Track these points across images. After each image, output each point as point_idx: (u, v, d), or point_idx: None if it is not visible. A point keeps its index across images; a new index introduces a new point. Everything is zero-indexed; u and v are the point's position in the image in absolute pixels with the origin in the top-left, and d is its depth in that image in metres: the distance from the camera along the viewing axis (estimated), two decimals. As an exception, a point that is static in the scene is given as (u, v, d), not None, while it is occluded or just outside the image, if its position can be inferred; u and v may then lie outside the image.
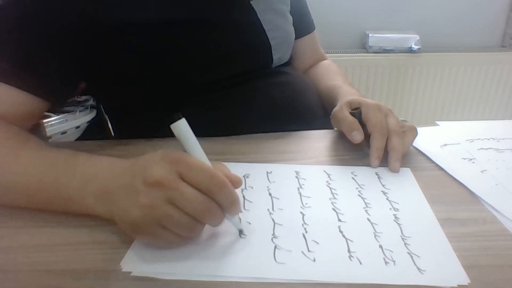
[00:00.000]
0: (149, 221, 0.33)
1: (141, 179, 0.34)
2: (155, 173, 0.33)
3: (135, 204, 0.33)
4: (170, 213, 0.33)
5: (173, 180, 0.33)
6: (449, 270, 0.33)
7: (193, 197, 0.33)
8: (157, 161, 0.34)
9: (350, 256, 0.35)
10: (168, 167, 0.33)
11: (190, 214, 0.33)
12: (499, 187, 0.45)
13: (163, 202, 0.33)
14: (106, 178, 0.38)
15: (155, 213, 0.33)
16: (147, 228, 0.33)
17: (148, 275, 0.33)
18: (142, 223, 0.33)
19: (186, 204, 0.33)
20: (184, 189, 0.33)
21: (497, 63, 1.64)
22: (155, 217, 0.33)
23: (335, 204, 0.42)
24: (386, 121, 0.50)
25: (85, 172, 0.40)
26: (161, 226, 0.33)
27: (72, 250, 0.36)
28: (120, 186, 0.36)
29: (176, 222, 0.33)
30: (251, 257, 0.35)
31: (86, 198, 0.39)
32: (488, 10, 1.66)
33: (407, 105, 1.70)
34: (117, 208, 0.36)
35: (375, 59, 1.61)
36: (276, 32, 0.63)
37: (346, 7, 1.61)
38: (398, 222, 0.39)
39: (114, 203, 0.36)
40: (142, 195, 0.33)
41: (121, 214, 0.35)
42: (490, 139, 0.57)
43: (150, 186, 0.33)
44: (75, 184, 0.40)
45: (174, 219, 0.33)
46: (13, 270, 0.34)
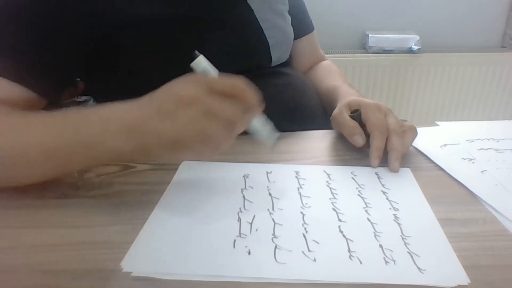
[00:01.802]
0: (192, 136, 0.37)
1: (174, 101, 0.37)
2: (187, 93, 0.37)
3: (173, 125, 0.37)
4: (210, 124, 0.36)
5: (204, 95, 0.37)
6: (449, 270, 0.33)
7: (225, 105, 0.37)
8: (183, 84, 0.38)
9: (351, 255, 0.35)
10: (195, 86, 0.38)
11: (226, 120, 0.37)
12: (499, 187, 0.45)
13: (202, 115, 0.36)
14: (127, 116, 0.39)
15: (196, 127, 0.36)
16: (190, 144, 0.37)
17: (149, 275, 0.33)
18: (185, 140, 0.37)
19: (221, 111, 0.37)
20: (216, 100, 0.37)
21: (497, 63, 1.64)
22: (197, 131, 0.36)
23: (335, 204, 0.42)
24: (385, 121, 0.50)
25: (102, 116, 0.40)
26: (201, 139, 0.37)
27: (72, 250, 0.36)
28: (148, 116, 0.38)
29: (216, 130, 0.37)
30: (251, 257, 0.35)
31: (110, 140, 0.39)
32: (488, 10, 1.66)
33: (407, 105, 1.70)
34: (150, 137, 0.38)
35: (375, 59, 1.61)
36: (274, 31, 0.63)
37: (346, 7, 1.61)
38: (398, 222, 0.39)
39: (145, 134, 0.38)
40: (180, 115, 0.37)
41: (157, 141, 0.38)
42: (490, 140, 0.57)
43: (186, 105, 0.37)
44: (95, 129, 0.40)
45: (214, 128, 0.37)
46: (13, 270, 0.34)
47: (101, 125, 0.40)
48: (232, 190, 0.44)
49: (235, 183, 0.46)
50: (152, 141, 0.38)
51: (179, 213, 0.40)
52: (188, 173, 0.48)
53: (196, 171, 0.48)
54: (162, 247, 0.36)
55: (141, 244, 0.36)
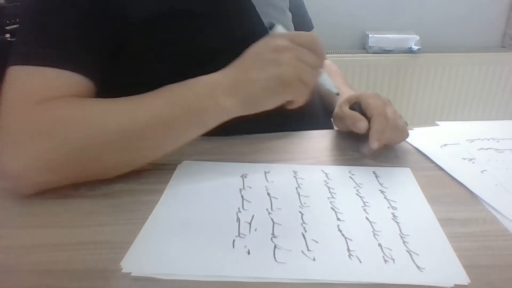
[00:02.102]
0: (294, 74, 0.44)
1: (271, 50, 0.45)
2: (279, 42, 0.45)
3: (278, 68, 0.44)
4: (303, 66, 0.45)
5: (293, 45, 0.45)
6: (448, 269, 0.33)
7: (310, 53, 0.46)
8: (271, 39, 0.47)
9: (350, 255, 0.35)
10: (283, 39, 0.46)
11: (311, 65, 0.46)
12: (499, 187, 0.45)
13: (295, 59, 0.45)
14: (228, 75, 0.46)
15: (296, 67, 0.44)
16: (294, 82, 0.45)
17: (148, 275, 0.33)
18: (290, 79, 0.44)
19: (308, 58, 0.45)
20: (302, 49, 0.46)
21: (497, 63, 1.64)
22: (297, 70, 0.44)
23: (333, 203, 0.42)
24: (385, 107, 0.51)
25: (206, 83, 0.46)
26: (301, 77, 0.45)
27: (72, 250, 0.36)
28: (249, 68, 0.45)
29: (308, 72, 0.45)
30: (251, 257, 0.35)
31: (219, 99, 0.45)
32: (488, 10, 1.66)
33: (407, 105, 1.71)
34: (255, 86, 0.45)
35: (375, 59, 1.61)
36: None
37: (346, 8, 1.61)
38: (396, 221, 0.39)
39: (251, 84, 0.45)
40: (281, 59, 0.44)
41: (264, 86, 0.45)
42: (490, 139, 0.57)
43: (280, 52, 0.45)
44: (203, 94, 0.45)
45: (306, 69, 0.45)
46: (13, 270, 0.34)
47: (207, 90, 0.45)
48: (231, 190, 0.44)
49: (233, 183, 0.46)
50: (258, 89, 0.45)
51: (178, 213, 0.40)
52: (186, 173, 0.48)
53: (194, 171, 0.48)
54: (162, 247, 0.36)
55: (141, 244, 0.36)
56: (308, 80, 0.46)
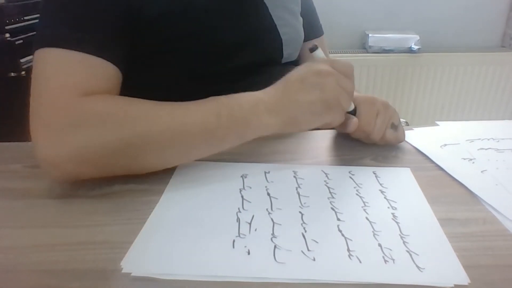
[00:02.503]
0: (336, 97, 0.47)
1: (315, 75, 0.47)
2: (323, 68, 0.47)
3: (322, 92, 0.46)
4: (342, 91, 0.47)
5: (334, 70, 0.48)
6: (448, 269, 0.33)
7: (347, 79, 0.48)
8: (314, 64, 0.48)
9: (350, 255, 0.35)
10: (326, 65, 0.48)
11: (348, 91, 0.48)
12: (499, 187, 0.45)
13: (337, 85, 0.47)
14: (273, 96, 0.47)
15: (337, 91, 0.47)
16: (334, 105, 0.47)
17: (148, 275, 0.33)
18: (332, 102, 0.47)
19: (346, 84, 0.48)
20: (341, 75, 0.48)
21: (497, 63, 1.64)
22: (338, 94, 0.47)
23: (333, 203, 0.42)
24: (375, 120, 0.52)
25: (251, 99, 0.47)
26: (338, 102, 0.47)
27: (72, 250, 0.36)
28: (294, 92, 0.47)
29: (345, 96, 0.48)
30: (251, 257, 0.35)
31: (261, 117, 0.46)
32: (488, 10, 1.66)
33: (407, 105, 1.71)
34: (299, 109, 0.46)
35: (375, 59, 1.61)
36: (287, 28, 0.64)
37: (346, 7, 1.61)
38: (396, 221, 0.39)
39: (295, 107, 0.46)
40: (325, 83, 0.46)
41: (307, 109, 0.46)
42: (490, 139, 0.57)
43: (324, 77, 0.47)
44: (247, 109, 0.46)
45: (345, 94, 0.47)
46: (13, 270, 0.34)
47: (252, 105, 0.46)
48: (231, 190, 0.44)
49: (233, 183, 0.46)
50: (301, 111, 0.46)
51: (178, 213, 0.40)
52: (187, 173, 0.48)
53: (194, 171, 0.48)
54: (162, 247, 0.36)
55: (141, 244, 0.36)
56: (345, 104, 0.48)
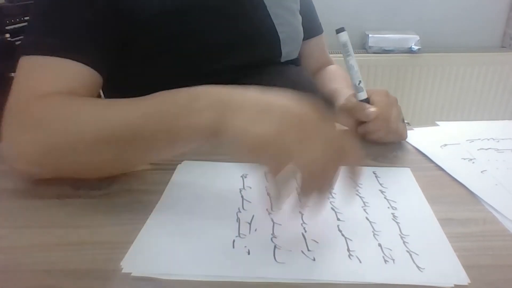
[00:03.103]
0: (276, 145, 0.34)
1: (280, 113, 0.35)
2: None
3: (268, 124, 0.34)
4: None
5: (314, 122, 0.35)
6: (448, 269, 0.33)
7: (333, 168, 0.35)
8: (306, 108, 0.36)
9: (350, 255, 0.35)
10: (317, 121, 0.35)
11: (331, 178, 0.35)
12: (499, 187, 0.45)
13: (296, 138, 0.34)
14: (227, 94, 0.37)
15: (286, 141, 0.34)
16: (268, 152, 0.34)
17: (149, 275, 0.33)
18: (267, 143, 0.34)
19: (331, 175, 0.35)
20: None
21: (497, 63, 1.64)
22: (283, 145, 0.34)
23: (333, 203, 0.42)
24: (391, 108, 0.53)
25: (195, 91, 0.38)
26: (283, 155, 0.34)
27: (72, 250, 0.36)
28: (254, 102, 0.36)
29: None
30: (251, 257, 0.35)
31: (201, 114, 0.36)
32: (488, 10, 1.66)
33: (407, 105, 1.71)
34: (241, 119, 0.35)
35: (375, 59, 1.61)
36: (285, 26, 0.64)
37: (346, 7, 1.62)
38: (396, 221, 0.39)
39: (239, 114, 0.35)
40: (276, 122, 0.34)
41: (245, 125, 0.34)
42: (490, 139, 0.57)
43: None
44: (181, 102, 0.37)
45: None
46: (13, 270, 0.34)
47: (190, 99, 0.37)
48: (231, 190, 0.44)
49: (233, 183, 0.46)
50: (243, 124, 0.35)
51: (178, 213, 0.40)
52: (186, 173, 0.48)
53: (194, 171, 0.48)
54: (162, 247, 0.36)
55: (141, 244, 0.36)
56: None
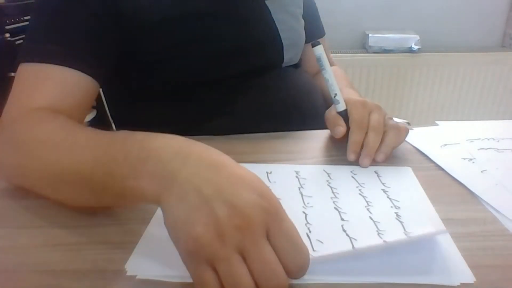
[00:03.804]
0: (206, 254, 0.27)
1: (226, 209, 0.28)
2: (246, 214, 0.27)
3: (202, 225, 0.27)
4: (233, 261, 0.27)
5: (259, 233, 0.27)
6: (454, 268, 0.33)
7: (271, 262, 0.27)
8: (253, 200, 0.28)
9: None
10: (261, 215, 0.28)
11: (253, 276, 0.27)
12: (499, 187, 0.45)
13: (235, 247, 0.27)
14: (176, 163, 0.31)
15: (217, 251, 0.27)
16: (198, 259, 0.27)
17: (154, 278, 0.33)
18: (197, 252, 0.27)
19: (259, 265, 0.27)
20: (266, 249, 0.27)
21: (497, 63, 1.64)
22: (215, 254, 0.27)
23: (336, 203, 0.42)
24: (368, 117, 0.50)
25: (148, 148, 0.33)
26: (212, 266, 0.27)
27: (72, 250, 0.36)
28: (195, 189, 0.29)
29: (233, 273, 0.27)
30: None
31: (141, 179, 0.32)
32: (488, 10, 1.66)
33: (407, 105, 1.71)
34: (177, 209, 0.29)
35: (375, 59, 1.61)
36: (288, 32, 0.64)
37: (346, 7, 1.61)
38: (400, 220, 0.39)
39: (177, 201, 0.29)
40: (216, 224, 0.27)
41: (179, 221, 0.28)
42: (490, 139, 0.57)
43: (231, 224, 0.27)
44: (131, 158, 0.33)
45: (233, 268, 0.27)
46: (13, 270, 0.34)
47: (136, 160, 0.33)
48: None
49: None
50: (174, 214, 0.29)
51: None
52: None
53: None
54: (166, 249, 0.35)
55: (145, 246, 0.36)
56: (227, 282, 0.27)
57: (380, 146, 0.50)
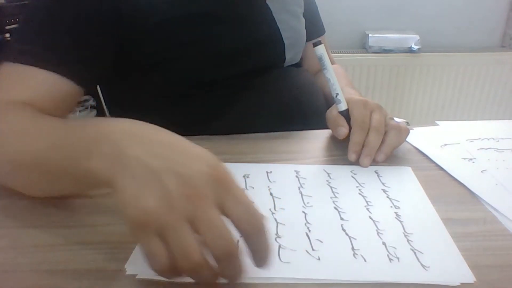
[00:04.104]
0: (156, 225, 0.27)
1: (176, 180, 0.28)
2: (195, 184, 0.28)
3: (152, 198, 0.28)
4: (182, 230, 0.27)
5: (209, 201, 0.28)
6: (454, 267, 0.33)
7: (221, 227, 0.28)
8: (202, 170, 0.29)
9: (354, 254, 0.35)
10: (211, 185, 0.29)
11: (206, 243, 0.28)
12: (499, 187, 0.45)
13: (184, 216, 0.27)
14: (127, 142, 0.31)
15: (167, 221, 0.27)
16: (148, 232, 0.27)
17: (154, 277, 0.32)
18: (147, 224, 0.27)
19: (209, 232, 0.27)
20: (215, 216, 0.28)
21: (497, 63, 1.64)
22: (164, 225, 0.27)
23: (336, 202, 0.42)
24: (369, 117, 0.51)
25: (100, 130, 0.33)
26: (163, 238, 0.27)
27: (72, 250, 0.36)
28: (145, 164, 0.29)
29: (182, 242, 0.27)
30: None
31: (92, 158, 0.32)
32: (488, 10, 1.66)
33: (407, 105, 1.71)
34: (127, 186, 0.29)
35: (375, 59, 1.61)
36: (289, 32, 0.64)
37: (346, 7, 1.61)
38: (399, 220, 0.39)
39: (127, 177, 0.29)
40: (166, 196, 0.28)
41: (129, 197, 0.28)
42: (490, 139, 0.57)
43: (181, 194, 0.28)
44: (84, 141, 0.34)
45: (182, 238, 0.27)
46: (13, 270, 0.34)
47: (90, 141, 0.34)
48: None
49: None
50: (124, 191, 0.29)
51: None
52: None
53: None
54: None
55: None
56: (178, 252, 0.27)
57: (380, 146, 0.50)
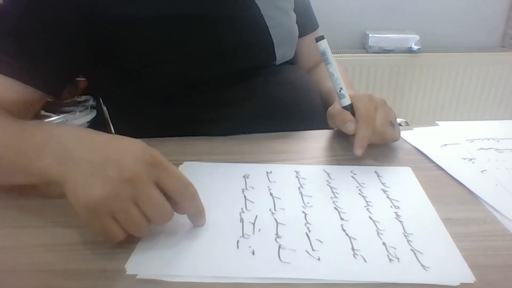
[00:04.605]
0: (106, 210, 0.33)
1: (116, 168, 0.34)
2: (133, 169, 0.34)
3: (99, 187, 0.33)
4: (129, 210, 0.34)
5: (147, 182, 0.34)
6: (453, 267, 0.33)
7: (159, 203, 0.34)
8: (137, 157, 0.35)
9: (354, 254, 0.35)
10: (146, 168, 0.34)
11: (148, 217, 0.34)
12: (499, 187, 0.45)
13: (128, 198, 0.33)
14: (73, 144, 0.37)
15: (115, 205, 0.33)
16: (100, 216, 0.33)
17: (154, 277, 0.33)
18: (98, 209, 0.33)
19: (150, 208, 0.34)
20: (154, 194, 0.34)
21: (497, 63, 1.64)
22: (113, 208, 0.33)
23: (336, 203, 0.42)
24: (375, 112, 0.51)
25: (50, 134, 0.39)
26: (113, 218, 0.34)
27: (72, 250, 0.36)
28: (89, 160, 0.35)
29: (131, 220, 0.34)
30: (256, 257, 0.35)
31: (44, 158, 0.37)
32: (488, 10, 1.66)
33: (407, 105, 1.70)
34: (76, 180, 0.35)
35: (375, 59, 1.61)
36: (279, 28, 0.64)
37: (346, 7, 1.61)
38: (399, 220, 0.39)
39: (75, 173, 0.35)
40: (110, 183, 0.33)
41: (78, 189, 0.34)
42: (490, 139, 0.57)
43: (122, 179, 0.33)
44: (35, 142, 0.39)
45: (130, 216, 0.34)
46: (13, 270, 0.34)
47: (40, 142, 0.39)
48: (233, 190, 0.44)
49: (235, 183, 0.46)
50: (74, 185, 0.35)
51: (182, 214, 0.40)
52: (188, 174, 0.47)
53: (196, 172, 0.48)
54: (166, 249, 0.36)
55: (145, 245, 0.36)
56: (128, 226, 0.34)
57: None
